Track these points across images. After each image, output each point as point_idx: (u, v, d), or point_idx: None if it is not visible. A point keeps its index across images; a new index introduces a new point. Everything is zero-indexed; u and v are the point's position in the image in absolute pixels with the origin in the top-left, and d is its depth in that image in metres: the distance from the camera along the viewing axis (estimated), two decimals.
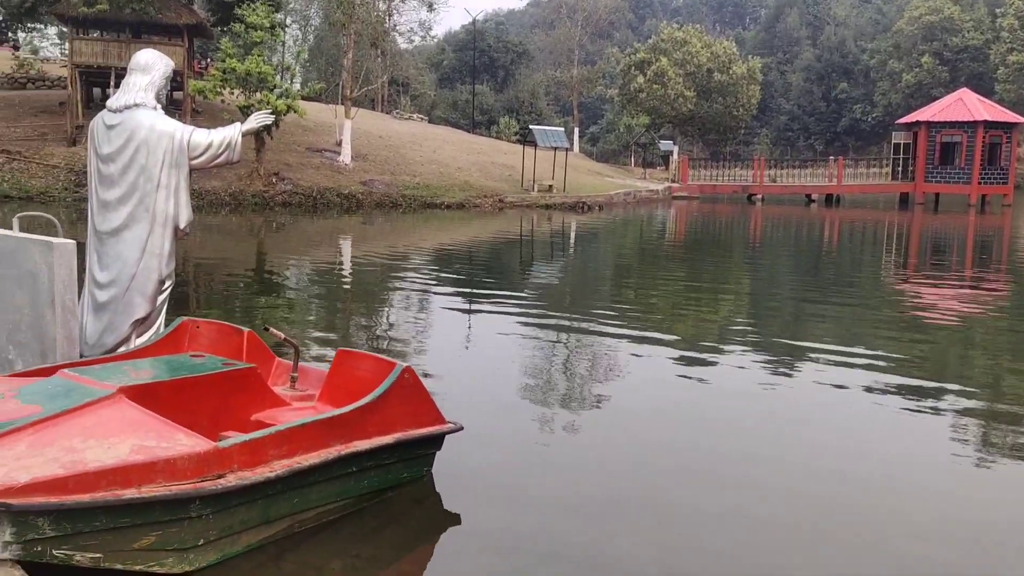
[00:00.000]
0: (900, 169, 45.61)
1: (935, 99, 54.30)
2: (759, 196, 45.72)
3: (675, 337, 10.17)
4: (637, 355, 8.95)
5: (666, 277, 16.70)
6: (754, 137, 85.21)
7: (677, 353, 9.21)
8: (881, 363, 8.71)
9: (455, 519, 4.79)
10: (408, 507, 4.87)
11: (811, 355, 9.16)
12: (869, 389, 7.64)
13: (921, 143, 44.17)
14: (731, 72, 57.62)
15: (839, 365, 8.61)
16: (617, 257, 20.38)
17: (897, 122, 49.97)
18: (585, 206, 34.25)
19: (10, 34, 49.59)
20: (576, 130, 56.42)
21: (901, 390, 7.68)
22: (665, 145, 58.68)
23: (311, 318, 11.06)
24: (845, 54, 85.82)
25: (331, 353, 7.91)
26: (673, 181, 48.26)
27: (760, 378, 8.16)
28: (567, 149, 38.56)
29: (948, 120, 43.51)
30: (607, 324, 10.57)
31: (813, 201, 45.24)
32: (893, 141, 47.59)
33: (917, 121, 45.07)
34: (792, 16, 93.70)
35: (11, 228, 5.81)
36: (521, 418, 6.65)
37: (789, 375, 8.37)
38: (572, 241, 23.67)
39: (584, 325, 10.68)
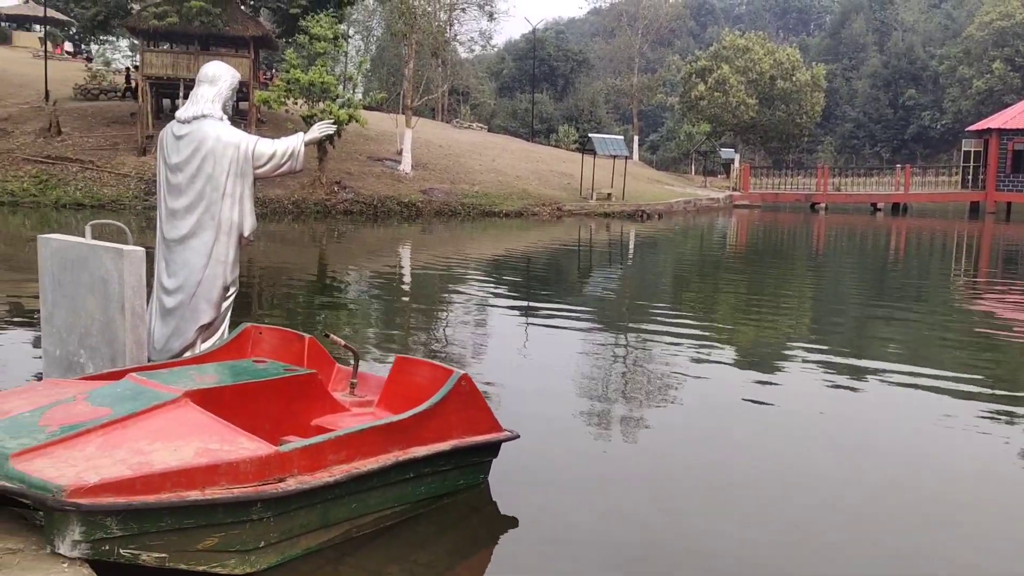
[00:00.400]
0: (970, 177, 44.43)
1: (1006, 106, 52.85)
2: (823, 205, 44.94)
3: (735, 348, 10.06)
4: (696, 367, 8.85)
5: (726, 287, 16.51)
6: (818, 145, 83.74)
7: (737, 365, 9.10)
8: (949, 379, 8.47)
9: (512, 526, 4.80)
10: (465, 514, 4.90)
11: (875, 369, 8.96)
12: (937, 405, 7.46)
13: (992, 151, 42.98)
14: (794, 79, 56.81)
15: (905, 381, 8.41)
16: (676, 266, 20.21)
17: (967, 129, 48.75)
18: (644, 214, 34.07)
19: (83, 46, 51.25)
20: (636, 138, 56.16)
21: (972, 407, 7.46)
22: (726, 153, 58.06)
23: (370, 325, 11.19)
24: (913, 60, 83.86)
25: (390, 359, 8.00)
26: (734, 189, 47.72)
27: (823, 392, 8.02)
28: (626, 157, 38.41)
29: (1020, 127, 42.27)
30: (665, 334, 10.49)
31: (879, 210, 44.31)
32: (963, 149, 46.40)
33: (988, 128, 43.89)
34: (858, 22, 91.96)
35: (84, 235, 5.99)
36: (578, 428, 6.64)
37: (853, 389, 8.20)
38: (631, 250, 23.55)
39: (642, 335, 10.62)
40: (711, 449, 6.29)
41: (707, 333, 11.05)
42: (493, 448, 5.17)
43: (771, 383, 8.35)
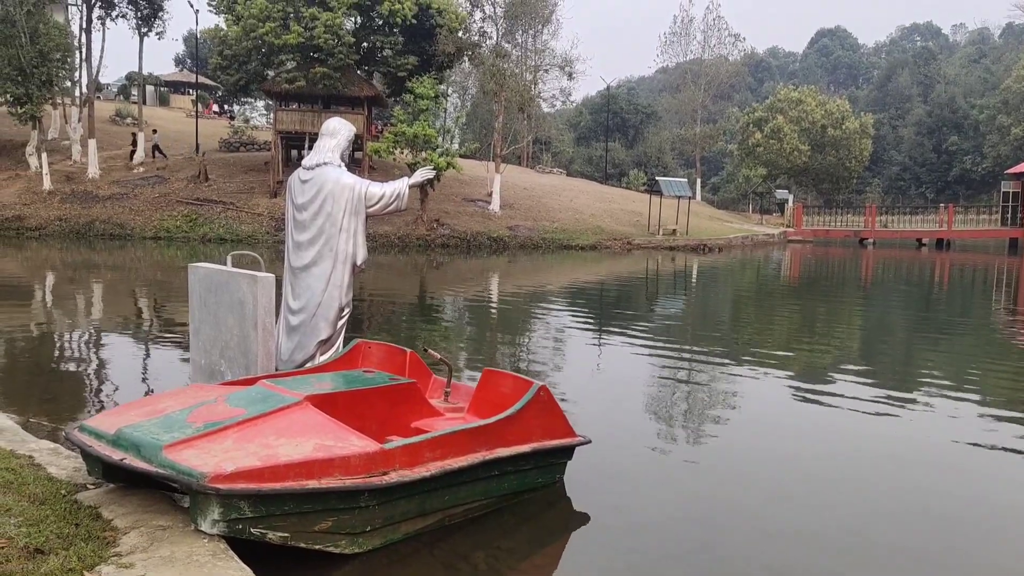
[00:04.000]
0: (1009, 216, 42.43)
1: None
2: (871, 240, 43.45)
3: (790, 370, 9.80)
4: (753, 386, 8.67)
5: (781, 314, 16.12)
6: (866, 186, 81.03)
7: (792, 384, 8.87)
8: (997, 406, 8.10)
9: (584, 520, 4.78)
10: (543, 508, 4.90)
11: (922, 393, 8.63)
12: (984, 432, 7.13)
13: None
14: (844, 127, 55.26)
15: (951, 408, 8.06)
16: (735, 294, 19.83)
17: (1006, 172, 46.57)
18: (706, 248, 33.54)
19: (227, 106, 53.47)
20: (698, 180, 55.40)
21: (1018, 434, 7.12)
22: (781, 194, 56.71)
23: (462, 341, 11.30)
24: (955, 110, 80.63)
25: (478, 372, 8.07)
26: (788, 226, 46.55)
27: (869, 409, 7.76)
28: (690, 197, 37.96)
29: None
30: (725, 356, 10.31)
31: (924, 245, 42.59)
32: (1002, 190, 44.33)
33: None
34: (903, 76, 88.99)
35: (225, 264, 6.24)
36: (645, 435, 6.57)
37: (898, 414, 7.89)
38: (693, 279, 23.22)
39: (704, 355, 10.45)
40: (769, 458, 6.15)
41: (764, 355, 10.80)
42: (568, 451, 5.17)
43: (823, 403, 8.10)
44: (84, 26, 32.47)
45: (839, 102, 57.93)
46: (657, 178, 39.39)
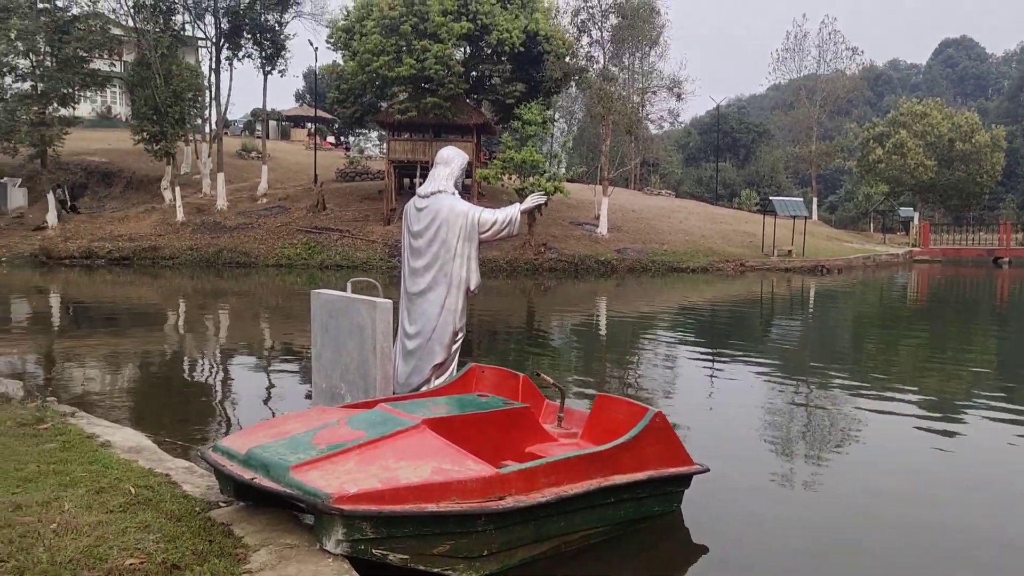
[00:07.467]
0: None
1: None
2: (1006, 259, 40.77)
3: (917, 398, 9.26)
4: (877, 414, 8.24)
5: (907, 338, 15.28)
6: (999, 202, 76.05)
7: (919, 414, 8.37)
8: None
9: (703, 551, 4.64)
10: (660, 538, 4.80)
11: None
12: None
13: None
14: (973, 141, 52.16)
15: None
16: (856, 318, 18.95)
17: None
18: (824, 269, 32.28)
19: (342, 138, 55.72)
20: (815, 199, 53.48)
21: None
22: (905, 211, 54.04)
23: (572, 365, 11.26)
24: None
25: (589, 396, 8.02)
26: (914, 245, 44.27)
27: (1008, 444, 7.23)
28: (806, 217, 36.70)
29: None
30: (847, 381, 9.85)
31: None
32: None
33: None
34: None
35: (345, 290, 6.46)
36: (763, 464, 6.35)
37: None
38: (811, 301, 22.36)
39: (823, 381, 10.02)
40: (897, 493, 5.81)
41: (888, 382, 10.27)
42: (685, 480, 5.04)
43: (954, 433, 7.61)
44: (213, 67, 34.58)
45: (967, 114, 54.78)
46: (771, 198, 38.32)
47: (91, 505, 4.06)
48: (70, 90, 31.33)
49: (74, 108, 32.91)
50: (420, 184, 6.79)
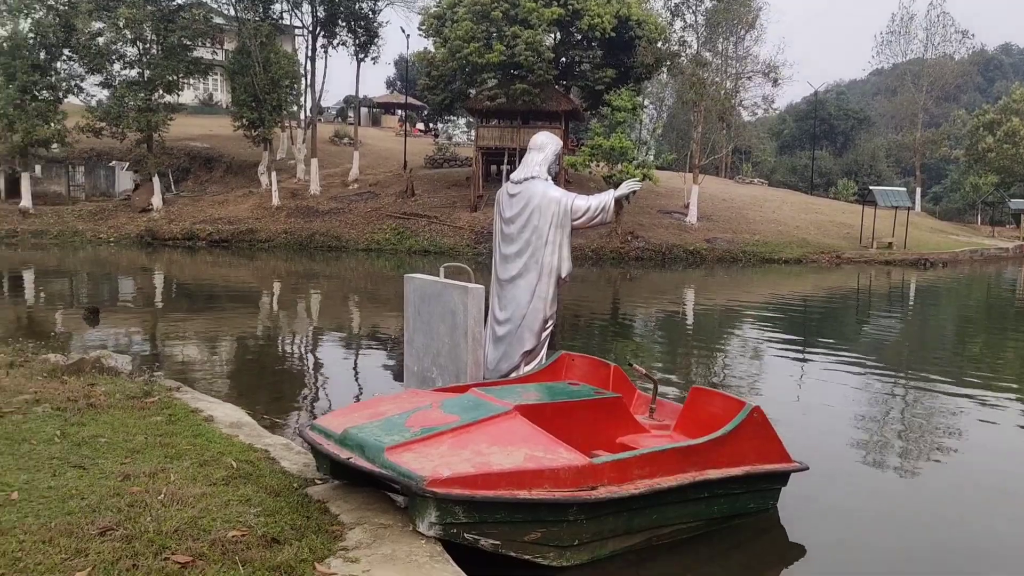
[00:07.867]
0: None
1: None
2: None
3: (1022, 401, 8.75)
4: (979, 414, 7.81)
5: (1017, 337, 14.44)
6: None
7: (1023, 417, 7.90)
8: None
9: (800, 553, 4.49)
10: (755, 535, 4.67)
11: None
12: None
13: None
14: None
15: None
16: (961, 315, 18.02)
17: None
18: (927, 263, 30.83)
19: (431, 125, 56.36)
20: (918, 190, 51.07)
21: None
22: (1016, 203, 50.99)
23: (660, 356, 11.09)
24: None
25: (676, 387, 7.88)
26: None
27: None
28: (908, 208, 35.09)
29: None
30: (947, 382, 9.37)
31: None
32: None
33: None
34: None
35: (438, 275, 6.51)
36: (861, 464, 6.11)
37: None
38: (912, 297, 21.39)
39: (922, 380, 9.57)
40: (1000, 495, 5.49)
41: (994, 381, 9.72)
42: (783, 477, 4.89)
43: None
44: (309, 54, 35.47)
45: None
46: (871, 187, 36.79)
47: (195, 477, 4.21)
48: (175, 77, 32.69)
49: (178, 95, 34.32)
50: (508, 171, 6.73)
